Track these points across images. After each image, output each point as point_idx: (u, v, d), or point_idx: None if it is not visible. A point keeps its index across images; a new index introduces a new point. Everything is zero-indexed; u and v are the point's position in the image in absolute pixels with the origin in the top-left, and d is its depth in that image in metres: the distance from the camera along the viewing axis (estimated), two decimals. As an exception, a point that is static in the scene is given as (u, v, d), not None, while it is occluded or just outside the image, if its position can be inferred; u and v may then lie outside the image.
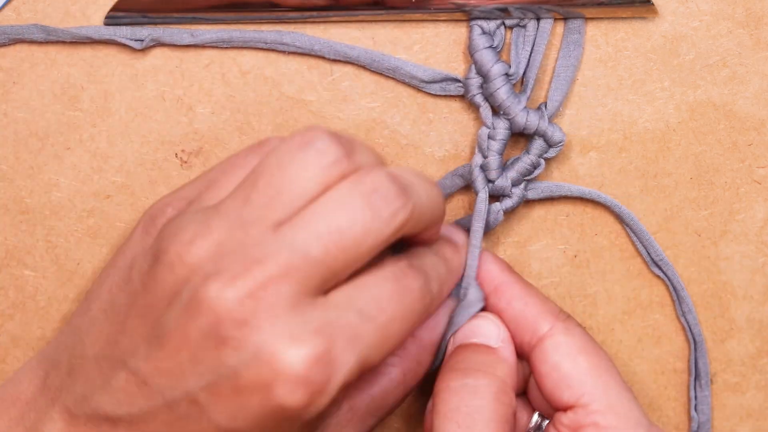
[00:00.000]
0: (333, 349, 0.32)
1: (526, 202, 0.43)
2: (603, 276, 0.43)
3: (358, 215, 0.33)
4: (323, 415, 0.35)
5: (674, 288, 0.43)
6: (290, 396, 0.32)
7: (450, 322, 0.40)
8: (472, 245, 0.41)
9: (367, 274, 0.34)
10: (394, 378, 0.38)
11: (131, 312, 0.35)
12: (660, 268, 0.43)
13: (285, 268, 0.32)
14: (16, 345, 0.42)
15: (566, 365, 0.38)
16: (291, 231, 0.33)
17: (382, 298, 0.34)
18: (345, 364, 0.32)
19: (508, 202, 0.42)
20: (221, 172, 0.37)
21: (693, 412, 0.44)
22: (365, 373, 0.34)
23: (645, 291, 0.44)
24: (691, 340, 0.43)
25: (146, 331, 0.34)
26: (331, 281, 0.33)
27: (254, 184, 0.34)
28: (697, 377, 0.44)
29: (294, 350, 0.32)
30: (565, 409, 0.38)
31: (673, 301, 0.44)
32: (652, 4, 0.41)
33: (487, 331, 0.40)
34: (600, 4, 0.41)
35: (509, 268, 0.41)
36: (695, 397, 0.44)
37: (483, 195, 0.41)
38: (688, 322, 0.43)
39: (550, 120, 0.41)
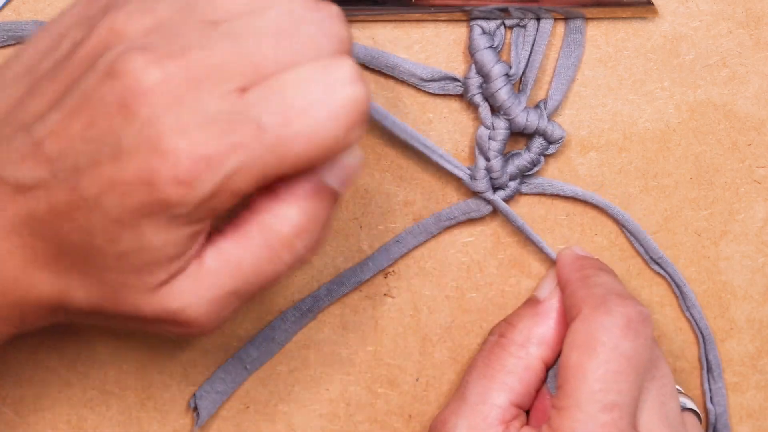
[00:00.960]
0: (218, 152, 0.31)
1: (525, 202, 0.43)
2: (603, 276, 0.43)
3: (303, 29, 0.33)
4: (193, 234, 0.33)
5: (676, 284, 0.43)
6: (164, 188, 0.31)
7: None
8: (538, 243, 0.42)
9: (302, 69, 0.32)
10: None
11: (48, 76, 0.34)
12: (660, 266, 0.43)
13: (217, 65, 0.32)
14: (16, 345, 0.42)
15: (564, 356, 0.38)
16: (229, 28, 0.32)
17: (295, 108, 0.32)
18: (226, 168, 0.31)
19: (501, 194, 0.42)
20: None
21: (709, 405, 0.44)
22: (263, 184, 0.33)
23: (645, 291, 0.44)
24: (699, 334, 0.43)
25: (55, 95, 0.33)
26: (255, 80, 0.32)
27: None
28: (709, 370, 0.44)
29: (181, 141, 0.31)
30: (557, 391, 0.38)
31: (676, 298, 0.44)
32: (652, 4, 0.41)
33: (544, 283, 0.42)
34: (600, 4, 0.41)
35: (576, 264, 0.41)
36: (710, 390, 0.44)
37: (492, 196, 0.42)
38: (693, 317, 0.43)
39: (550, 117, 0.41)
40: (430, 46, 0.42)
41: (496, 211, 0.43)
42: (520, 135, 0.42)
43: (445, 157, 0.41)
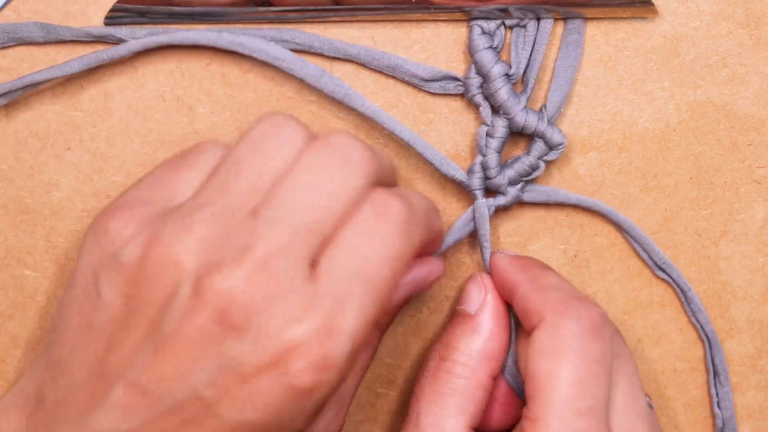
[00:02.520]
0: (332, 319, 0.32)
1: (524, 203, 0.43)
2: (603, 276, 0.43)
3: (330, 169, 0.34)
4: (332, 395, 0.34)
5: (681, 289, 0.43)
6: (302, 376, 0.32)
7: None
8: (483, 247, 0.41)
9: (347, 225, 0.34)
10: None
11: (116, 326, 0.34)
12: (664, 271, 0.43)
13: (276, 247, 0.32)
14: (16, 345, 0.42)
15: (531, 365, 0.37)
16: (270, 210, 0.33)
17: (365, 246, 0.33)
18: (348, 331, 0.32)
19: (501, 200, 0.42)
20: (171, 171, 0.36)
21: (716, 409, 0.44)
22: (376, 325, 0.34)
23: (645, 291, 0.44)
24: (705, 339, 0.43)
25: (140, 339, 0.33)
26: (321, 245, 0.33)
27: (228, 174, 0.34)
28: (715, 375, 0.43)
29: (296, 328, 0.32)
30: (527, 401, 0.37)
31: (680, 302, 0.44)
32: (652, 4, 0.41)
33: (470, 295, 0.40)
34: (600, 4, 0.41)
35: (517, 265, 0.41)
36: (716, 395, 0.44)
37: (480, 194, 0.41)
38: (699, 322, 0.43)
39: (551, 122, 0.41)
40: (430, 46, 0.42)
41: (495, 212, 0.43)
42: (521, 138, 0.42)
43: (439, 157, 0.41)
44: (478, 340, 0.39)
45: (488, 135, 0.41)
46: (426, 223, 0.36)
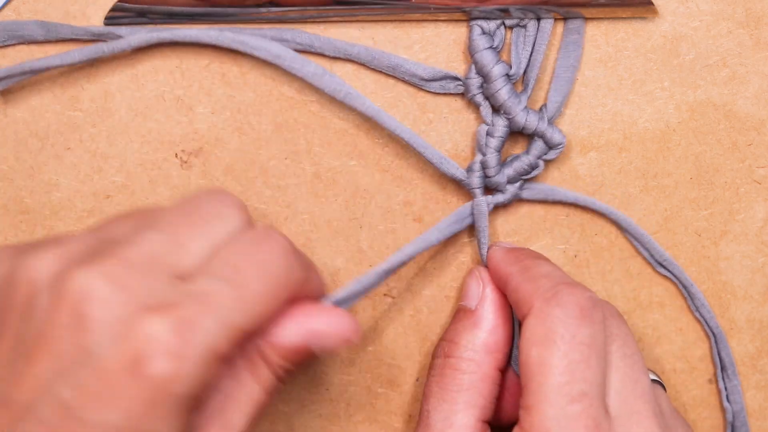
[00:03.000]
0: (191, 316, 0.32)
1: (523, 202, 0.43)
2: (603, 276, 0.43)
3: (212, 203, 0.35)
4: (195, 407, 0.33)
5: (683, 285, 0.43)
6: (156, 363, 0.31)
7: None
8: (480, 243, 0.41)
9: (227, 244, 0.34)
10: (241, 374, 0.36)
11: None
12: (666, 268, 0.43)
13: (144, 250, 0.33)
14: (16, 345, 0.42)
15: (523, 354, 0.37)
16: (148, 228, 0.34)
17: (239, 258, 0.34)
18: (208, 328, 0.32)
19: (499, 197, 0.42)
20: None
21: (726, 403, 0.44)
22: (241, 339, 0.33)
23: (645, 291, 0.44)
24: (710, 333, 0.43)
25: (8, 353, 0.33)
26: (190, 263, 0.34)
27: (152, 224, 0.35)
28: (723, 369, 0.44)
29: (152, 318, 0.31)
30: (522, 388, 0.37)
31: (684, 298, 0.44)
32: (652, 4, 0.41)
33: (469, 291, 0.41)
34: (600, 4, 0.41)
35: (510, 257, 0.40)
36: (725, 388, 0.44)
37: (479, 193, 0.41)
38: (703, 317, 0.43)
39: (551, 121, 0.41)
40: (430, 46, 0.42)
41: (495, 211, 0.43)
42: (520, 136, 0.42)
43: (439, 156, 0.41)
44: (480, 334, 0.39)
45: (488, 134, 0.41)
46: (306, 267, 0.36)
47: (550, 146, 0.41)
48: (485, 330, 0.39)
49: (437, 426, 0.38)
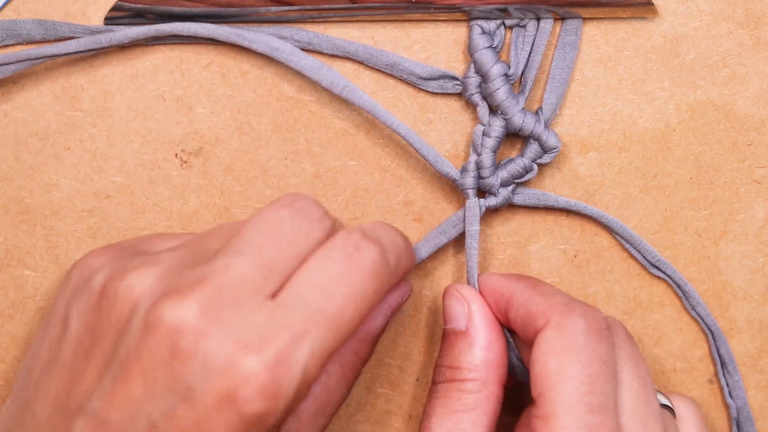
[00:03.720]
0: (285, 351, 0.32)
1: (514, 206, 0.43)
2: (603, 276, 0.43)
3: (296, 216, 0.35)
4: (284, 420, 0.35)
5: (677, 285, 0.43)
6: (251, 403, 0.32)
7: None
8: (469, 247, 0.41)
9: (315, 257, 0.35)
10: (333, 373, 0.38)
11: (80, 355, 0.34)
12: (659, 269, 0.43)
13: (233, 277, 0.33)
14: (16, 345, 0.42)
15: (538, 366, 0.36)
16: (231, 248, 0.34)
17: (331, 284, 0.34)
18: (300, 361, 0.32)
19: (492, 200, 0.42)
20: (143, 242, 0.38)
21: (729, 399, 0.44)
22: (330, 360, 0.34)
23: (645, 291, 0.44)
24: (708, 331, 0.43)
25: (100, 368, 0.34)
26: (282, 279, 0.34)
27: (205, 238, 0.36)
28: (723, 365, 0.43)
29: (248, 357, 0.32)
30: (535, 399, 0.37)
31: (678, 298, 0.44)
32: (652, 4, 0.41)
33: (453, 312, 0.40)
34: (600, 4, 0.41)
35: (510, 277, 0.40)
36: (727, 385, 0.44)
37: (472, 194, 0.41)
38: (699, 315, 0.43)
39: (548, 124, 0.41)
40: (430, 46, 0.42)
41: (496, 212, 0.43)
42: (516, 138, 0.42)
43: (434, 154, 0.41)
44: (478, 353, 0.39)
45: (485, 134, 0.41)
46: (397, 266, 0.37)
47: (545, 150, 0.41)
48: (482, 347, 0.39)
49: None
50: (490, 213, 0.43)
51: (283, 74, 0.42)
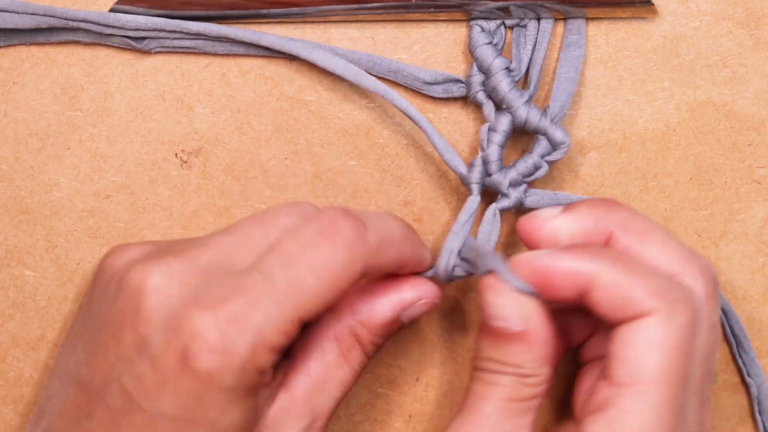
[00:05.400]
0: (238, 311, 0.33)
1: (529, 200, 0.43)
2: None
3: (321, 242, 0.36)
4: (253, 392, 0.35)
5: None
6: (201, 358, 0.33)
7: None
8: (487, 255, 0.38)
9: (290, 232, 0.35)
10: (331, 358, 0.38)
11: (73, 330, 0.37)
12: None
13: (212, 252, 0.35)
14: (16, 345, 0.42)
15: (636, 353, 0.35)
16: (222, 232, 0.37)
17: (295, 253, 0.34)
18: (253, 323, 0.33)
19: (504, 202, 0.41)
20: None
21: (748, 378, 0.43)
22: (294, 329, 0.34)
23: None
24: (719, 311, 0.42)
25: (91, 334, 0.35)
26: (255, 257, 0.35)
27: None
28: (738, 344, 0.43)
29: (201, 313, 0.33)
30: (618, 386, 0.35)
31: None
32: (652, 4, 0.41)
33: (506, 313, 0.36)
34: (600, 4, 0.41)
35: (586, 252, 0.36)
36: (744, 364, 0.43)
37: (477, 189, 0.41)
38: None
39: (556, 121, 0.41)
40: (430, 46, 0.42)
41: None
42: (526, 142, 0.42)
43: (444, 145, 0.41)
44: (538, 350, 0.36)
45: (491, 129, 0.41)
46: (379, 247, 0.36)
47: (553, 145, 0.41)
48: (543, 344, 0.36)
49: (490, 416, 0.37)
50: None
51: (283, 74, 0.42)
